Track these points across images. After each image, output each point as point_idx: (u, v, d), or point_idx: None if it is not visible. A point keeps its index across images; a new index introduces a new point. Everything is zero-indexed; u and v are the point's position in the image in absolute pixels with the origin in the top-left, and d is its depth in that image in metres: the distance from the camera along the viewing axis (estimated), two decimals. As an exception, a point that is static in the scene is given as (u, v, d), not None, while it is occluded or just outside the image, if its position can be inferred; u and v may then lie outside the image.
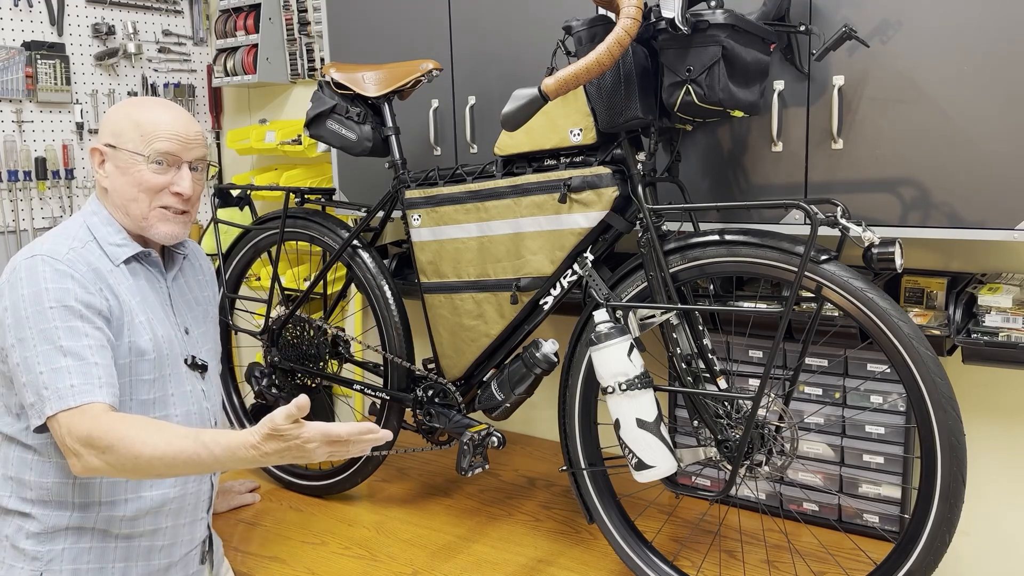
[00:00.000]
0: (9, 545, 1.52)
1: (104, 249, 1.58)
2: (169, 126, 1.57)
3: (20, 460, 1.53)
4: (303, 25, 2.87)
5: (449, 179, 1.89)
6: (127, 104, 1.61)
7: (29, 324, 1.44)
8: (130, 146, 1.56)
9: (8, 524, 1.53)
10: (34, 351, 1.43)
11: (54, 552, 1.51)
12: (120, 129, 1.57)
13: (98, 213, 1.61)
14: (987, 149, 1.54)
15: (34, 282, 1.47)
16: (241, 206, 2.46)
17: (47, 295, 1.46)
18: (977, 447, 1.91)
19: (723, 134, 1.82)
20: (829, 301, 1.46)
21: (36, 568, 1.50)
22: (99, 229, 1.59)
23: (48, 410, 1.40)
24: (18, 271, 1.49)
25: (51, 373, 1.42)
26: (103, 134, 1.60)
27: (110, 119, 1.60)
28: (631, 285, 1.67)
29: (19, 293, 1.46)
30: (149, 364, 1.56)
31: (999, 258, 1.84)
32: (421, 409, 2.02)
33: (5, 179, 2.72)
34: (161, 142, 1.56)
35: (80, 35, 2.89)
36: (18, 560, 1.51)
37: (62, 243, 1.53)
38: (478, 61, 2.15)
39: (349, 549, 1.94)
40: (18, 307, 1.46)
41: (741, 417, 1.58)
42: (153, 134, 1.56)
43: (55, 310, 1.45)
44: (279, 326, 2.23)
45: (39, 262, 1.49)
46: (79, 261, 1.52)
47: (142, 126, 1.56)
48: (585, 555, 1.88)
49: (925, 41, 1.57)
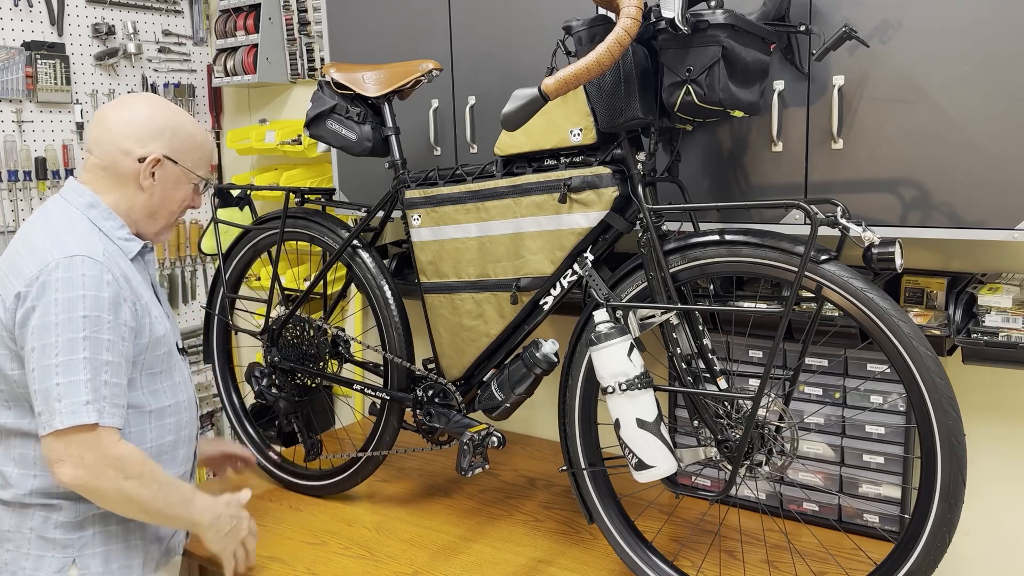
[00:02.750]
0: (35, 536, 1.54)
1: (116, 244, 1.60)
2: (213, 153, 1.74)
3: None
4: (303, 25, 2.87)
5: (449, 179, 1.89)
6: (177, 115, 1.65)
7: (57, 331, 1.44)
8: (189, 165, 1.66)
9: (31, 518, 1.55)
10: (55, 359, 1.43)
11: (85, 538, 1.56)
12: (183, 147, 1.65)
13: (96, 206, 1.60)
14: (987, 149, 1.54)
15: (70, 286, 1.45)
16: (241, 206, 2.46)
17: (81, 303, 1.45)
18: (977, 447, 1.91)
19: (723, 134, 1.82)
20: (829, 301, 1.46)
21: (68, 555, 1.54)
22: (102, 223, 1.60)
23: (58, 423, 1.42)
24: (53, 271, 1.46)
25: (67, 386, 1.42)
26: (157, 143, 1.61)
27: (164, 129, 1.62)
28: (631, 285, 1.67)
29: (52, 296, 1.45)
30: (163, 355, 1.62)
31: (999, 258, 1.84)
32: (421, 409, 2.02)
33: (5, 179, 2.72)
34: (206, 169, 1.71)
35: (80, 35, 2.89)
36: (47, 550, 1.54)
37: (91, 240, 1.53)
38: (478, 61, 2.15)
39: (349, 549, 1.94)
40: (48, 311, 1.44)
41: (741, 417, 1.58)
42: (207, 160, 1.72)
43: (87, 319, 1.45)
44: (279, 326, 2.23)
45: (79, 263, 1.48)
46: (113, 263, 1.53)
47: (202, 149, 1.69)
48: (585, 555, 1.88)
49: (925, 41, 1.57)
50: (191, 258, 3.24)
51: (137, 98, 1.65)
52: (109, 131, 1.60)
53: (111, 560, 1.58)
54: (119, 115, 1.61)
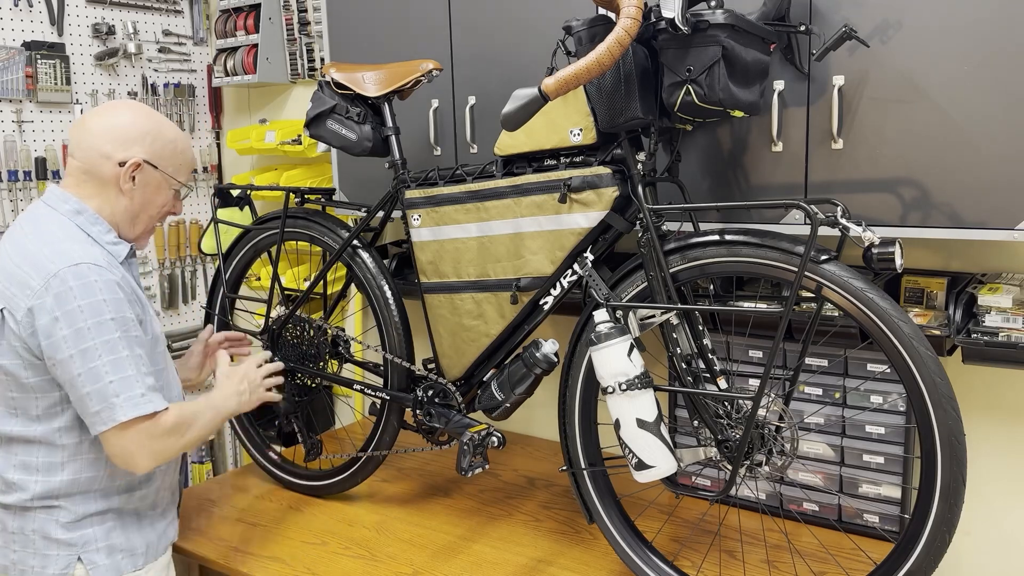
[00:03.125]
0: (39, 537, 1.59)
1: (106, 248, 1.62)
2: (194, 160, 1.75)
3: (48, 463, 1.59)
4: (303, 25, 2.87)
5: (449, 179, 1.89)
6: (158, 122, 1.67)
7: (92, 335, 1.50)
8: (170, 171, 1.68)
9: (33, 520, 1.59)
10: (100, 360, 1.50)
11: (87, 535, 1.60)
12: (164, 152, 1.67)
13: (83, 212, 1.62)
14: (987, 149, 1.54)
15: (89, 292, 1.51)
16: (241, 206, 2.46)
17: (106, 307, 1.52)
18: (977, 447, 1.91)
19: (723, 134, 1.82)
20: (829, 301, 1.46)
21: (73, 552, 1.59)
22: (90, 229, 1.62)
23: (121, 416, 1.50)
24: (65, 280, 1.50)
25: (121, 382, 1.51)
26: (138, 148, 1.63)
27: (145, 134, 1.64)
28: (631, 285, 1.67)
29: (74, 304, 1.49)
30: (160, 353, 1.68)
31: (999, 258, 1.84)
32: (421, 409, 2.02)
33: (5, 179, 2.72)
34: (187, 175, 1.73)
35: (80, 35, 2.89)
36: (52, 548, 1.59)
37: (90, 246, 1.58)
38: (478, 61, 2.15)
39: (349, 549, 1.94)
40: (75, 318, 1.49)
41: (741, 417, 1.58)
42: (189, 167, 1.73)
43: (116, 321, 1.52)
44: (279, 326, 2.23)
45: (87, 270, 1.52)
46: (115, 267, 1.59)
47: (183, 156, 1.71)
48: (585, 555, 1.88)
49: (925, 41, 1.57)
50: (191, 258, 3.24)
51: (119, 104, 1.67)
52: (91, 135, 1.62)
53: (115, 552, 1.62)
54: (101, 120, 1.63)
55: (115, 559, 1.62)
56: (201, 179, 3.26)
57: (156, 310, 3.14)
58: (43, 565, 1.58)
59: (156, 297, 3.16)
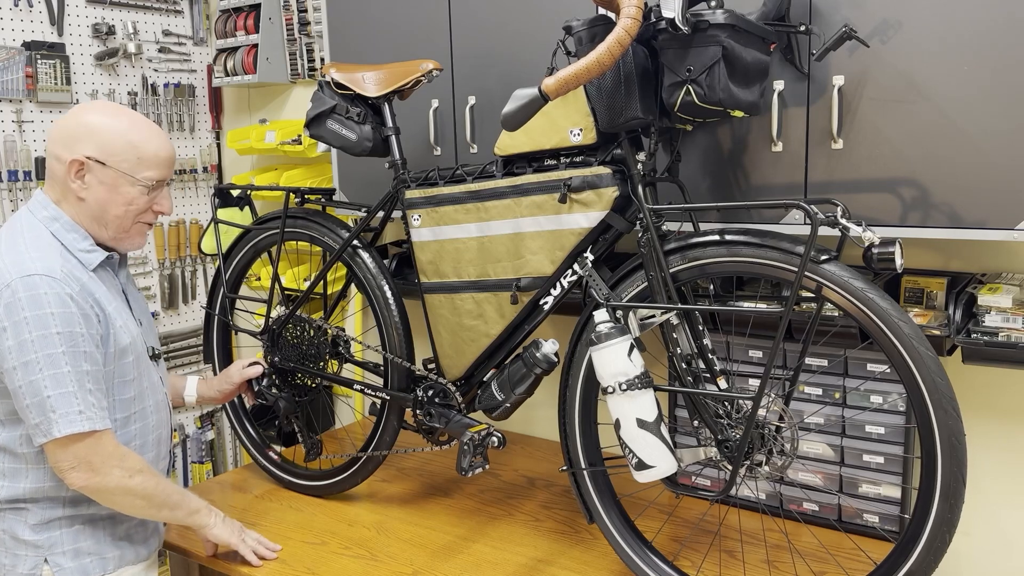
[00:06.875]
0: (8, 537, 1.60)
1: (77, 257, 1.59)
2: (165, 154, 1.63)
3: (13, 469, 1.59)
4: (303, 25, 2.87)
5: (449, 179, 1.89)
6: (111, 117, 1.60)
7: (35, 348, 1.48)
8: (124, 167, 1.59)
9: (2, 520, 1.60)
10: (40, 375, 1.48)
11: (54, 538, 1.61)
12: (113, 148, 1.58)
13: (59, 219, 1.60)
14: (987, 149, 1.54)
15: (37, 305, 1.49)
16: (241, 206, 2.46)
17: (52, 320, 1.49)
18: (977, 447, 1.91)
19: (723, 134, 1.82)
20: (829, 301, 1.46)
21: (40, 555, 1.60)
22: (64, 236, 1.60)
23: (56, 432, 1.49)
24: (15, 291, 1.49)
25: (59, 397, 1.49)
26: (82, 145, 1.57)
27: (93, 131, 1.58)
28: (631, 285, 1.67)
29: (21, 315, 1.48)
30: (130, 364, 1.64)
31: (999, 258, 1.84)
32: (421, 409, 2.02)
33: (5, 179, 2.72)
34: (156, 170, 1.63)
35: (80, 35, 2.89)
36: (20, 548, 1.60)
37: (51, 257, 1.54)
38: (478, 61, 2.15)
39: (349, 549, 1.95)
40: (20, 330, 1.48)
41: (741, 417, 1.58)
42: (152, 161, 1.62)
43: (62, 336, 1.50)
44: (279, 326, 2.23)
45: (39, 282, 1.49)
46: (72, 279, 1.54)
47: (139, 150, 1.60)
48: (585, 555, 1.88)
49: (925, 41, 1.57)
50: (191, 258, 3.24)
51: (86, 105, 1.63)
52: (50, 137, 1.61)
53: (82, 555, 1.63)
54: (60, 121, 1.61)
55: (81, 562, 1.62)
56: (201, 179, 3.26)
57: (155, 310, 3.14)
58: (13, 564, 1.59)
59: (156, 297, 3.16)
